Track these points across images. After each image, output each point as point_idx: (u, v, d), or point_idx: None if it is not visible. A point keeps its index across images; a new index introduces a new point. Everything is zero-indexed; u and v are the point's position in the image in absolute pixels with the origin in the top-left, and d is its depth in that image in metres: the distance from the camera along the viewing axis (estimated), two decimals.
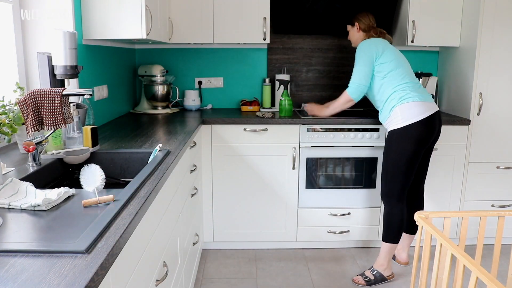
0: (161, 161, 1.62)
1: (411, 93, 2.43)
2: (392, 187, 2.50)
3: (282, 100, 2.93)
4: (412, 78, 2.52)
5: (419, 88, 2.50)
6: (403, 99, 2.43)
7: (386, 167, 2.51)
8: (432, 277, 1.65)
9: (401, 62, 2.52)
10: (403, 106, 2.42)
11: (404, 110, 2.41)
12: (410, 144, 2.41)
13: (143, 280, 1.23)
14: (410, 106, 2.40)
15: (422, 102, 2.41)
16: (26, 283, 0.75)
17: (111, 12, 2.29)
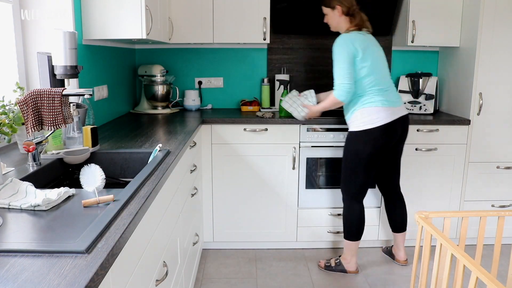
0: (161, 161, 1.62)
1: (375, 97, 2.39)
2: (349, 187, 2.55)
3: (282, 101, 2.92)
4: (381, 81, 2.41)
5: (387, 91, 2.43)
6: (365, 102, 2.40)
7: (345, 166, 2.54)
8: (432, 277, 1.65)
9: (376, 67, 2.40)
10: (363, 110, 2.40)
11: (365, 114, 2.39)
12: (366, 147, 2.42)
13: (143, 280, 1.23)
14: (371, 112, 2.38)
15: (384, 108, 2.38)
16: (26, 283, 0.75)
17: (111, 12, 2.29)
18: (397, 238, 2.76)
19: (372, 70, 2.39)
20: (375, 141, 2.41)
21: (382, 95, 2.40)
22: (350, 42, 2.36)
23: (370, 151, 2.42)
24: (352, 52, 2.34)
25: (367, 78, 2.38)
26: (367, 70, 2.37)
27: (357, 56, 2.35)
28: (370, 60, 2.38)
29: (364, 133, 2.41)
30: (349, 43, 2.35)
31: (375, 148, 2.42)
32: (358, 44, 2.36)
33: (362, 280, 2.61)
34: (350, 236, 2.60)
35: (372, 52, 2.41)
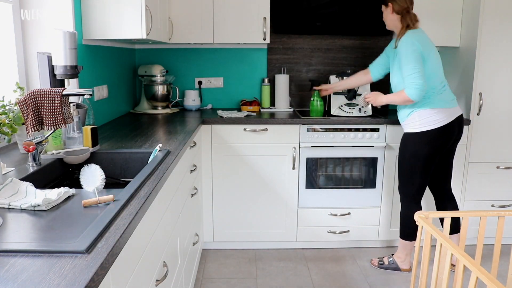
0: (161, 161, 1.62)
1: (433, 98, 2.40)
2: (407, 188, 2.56)
3: (314, 101, 2.93)
4: (438, 82, 2.43)
5: (444, 91, 2.45)
6: (423, 104, 2.40)
7: (401, 168, 2.56)
8: (432, 277, 1.65)
9: (438, 66, 2.43)
10: (422, 112, 2.41)
11: (423, 116, 2.41)
12: (425, 149, 2.44)
13: (143, 280, 1.23)
14: (430, 113, 2.40)
15: (442, 109, 2.40)
16: (26, 283, 0.75)
17: (111, 12, 2.29)
18: (453, 240, 2.74)
19: (435, 70, 2.40)
20: (434, 143, 2.42)
21: (439, 96, 2.42)
22: (417, 43, 2.35)
23: (429, 152, 2.44)
24: (420, 53, 2.35)
25: (430, 78, 2.39)
26: (431, 70, 2.39)
27: (423, 57, 2.36)
28: (434, 61, 2.40)
29: (422, 135, 2.42)
30: (416, 44, 2.35)
31: (434, 149, 2.44)
32: (421, 47, 2.36)
33: (362, 280, 2.61)
34: (407, 236, 2.62)
35: (436, 54, 2.43)
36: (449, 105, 2.44)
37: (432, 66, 2.40)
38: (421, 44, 2.36)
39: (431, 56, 2.39)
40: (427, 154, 2.45)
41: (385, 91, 2.86)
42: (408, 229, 2.60)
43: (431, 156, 2.46)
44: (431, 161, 2.48)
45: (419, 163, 2.48)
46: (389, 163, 2.89)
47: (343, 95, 2.99)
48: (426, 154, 2.45)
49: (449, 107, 2.43)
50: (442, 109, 2.41)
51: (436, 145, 2.44)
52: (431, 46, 2.43)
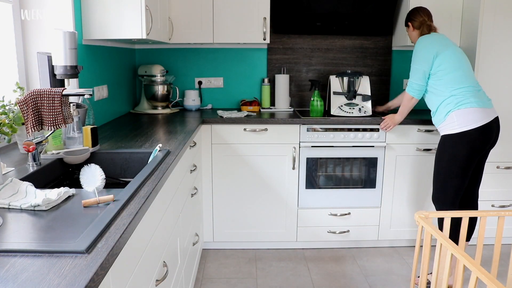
0: (161, 161, 1.62)
1: (469, 98, 2.35)
2: (444, 192, 2.45)
3: (314, 101, 2.93)
4: (472, 82, 2.41)
5: (478, 92, 2.40)
6: (460, 104, 2.35)
7: (438, 171, 2.47)
8: (432, 277, 1.65)
9: (461, 63, 2.42)
10: (460, 112, 2.35)
11: (461, 116, 2.35)
12: (464, 150, 2.36)
13: (143, 280, 1.23)
14: (468, 112, 2.34)
15: (480, 109, 2.34)
16: (26, 283, 0.75)
17: (111, 12, 2.29)
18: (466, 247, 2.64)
19: (457, 65, 2.40)
20: (474, 143, 2.35)
21: (475, 95, 2.37)
22: (430, 44, 2.45)
23: (469, 153, 2.36)
24: (430, 55, 2.42)
25: (454, 73, 2.39)
26: (452, 65, 2.40)
27: (436, 57, 2.41)
28: (453, 56, 2.41)
29: (462, 135, 2.35)
30: (428, 45, 2.45)
31: (473, 150, 2.37)
32: (439, 45, 2.43)
33: (362, 280, 2.61)
34: None
35: (454, 51, 2.44)
36: (486, 105, 2.37)
37: (455, 65, 2.40)
38: (433, 46, 2.43)
39: (450, 55, 2.41)
40: (467, 155, 2.36)
41: None
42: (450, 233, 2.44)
43: (470, 157, 2.37)
44: (470, 163, 2.38)
45: (458, 165, 2.38)
46: (389, 163, 2.89)
47: (343, 95, 2.99)
48: (465, 155, 2.36)
49: (486, 107, 2.37)
50: (480, 108, 2.34)
51: (475, 146, 2.35)
52: (450, 46, 2.45)
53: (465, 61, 2.46)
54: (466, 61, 2.47)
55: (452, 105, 2.38)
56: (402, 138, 2.86)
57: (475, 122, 2.33)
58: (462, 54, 2.47)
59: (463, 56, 2.46)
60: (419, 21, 2.58)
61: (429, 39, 2.48)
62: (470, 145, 2.36)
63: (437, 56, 2.41)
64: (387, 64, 3.41)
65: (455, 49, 2.45)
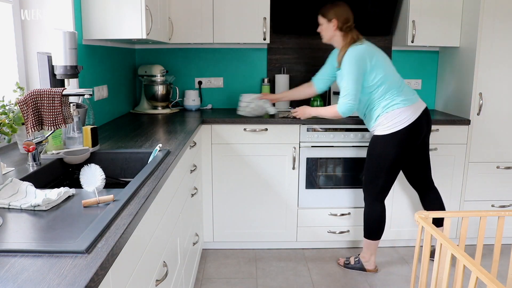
0: (161, 161, 1.62)
1: (395, 99, 2.42)
2: (372, 187, 2.56)
3: (314, 101, 2.93)
4: (394, 82, 2.44)
5: (403, 90, 2.46)
6: (387, 107, 2.42)
7: (368, 168, 2.56)
8: (432, 277, 1.65)
9: (388, 73, 2.43)
10: (388, 115, 2.42)
11: (390, 118, 2.42)
12: (394, 148, 2.44)
13: (143, 280, 1.23)
14: (395, 114, 2.41)
15: (407, 107, 2.41)
16: (26, 283, 0.75)
17: (111, 12, 2.29)
18: None
19: (385, 77, 2.42)
20: (405, 141, 2.43)
21: (400, 95, 2.43)
22: (363, 58, 2.39)
23: (398, 153, 2.45)
24: (363, 67, 2.39)
25: (382, 86, 2.42)
26: (381, 78, 2.41)
27: (367, 69, 2.40)
28: (381, 68, 2.42)
29: (392, 135, 2.43)
30: (362, 59, 2.39)
31: (403, 150, 2.45)
32: (368, 56, 2.40)
33: (362, 280, 2.61)
34: (371, 235, 2.62)
35: (381, 60, 2.44)
36: (411, 101, 2.44)
37: (384, 72, 2.42)
38: (364, 59, 2.39)
39: (378, 64, 2.41)
40: (396, 155, 2.45)
41: None
42: (372, 228, 2.60)
43: (399, 156, 2.46)
44: (398, 162, 2.49)
45: (387, 164, 2.47)
46: None
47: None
48: (394, 155, 2.45)
49: (412, 103, 2.44)
50: (405, 107, 2.41)
51: (405, 145, 2.44)
52: (376, 54, 2.43)
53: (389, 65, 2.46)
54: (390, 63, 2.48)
55: (380, 110, 2.44)
56: None
57: (403, 121, 2.40)
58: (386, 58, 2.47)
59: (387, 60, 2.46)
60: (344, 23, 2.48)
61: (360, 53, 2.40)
62: (401, 144, 2.43)
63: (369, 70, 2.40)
64: None
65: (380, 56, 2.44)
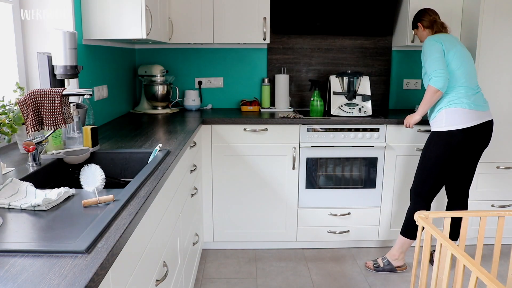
0: (161, 161, 1.62)
1: (462, 98, 2.38)
2: (421, 186, 2.54)
3: (314, 101, 2.93)
4: (470, 83, 2.42)
5: (474, 94, 2.43)
6: (451, 103, 2.39)
7: (420, 165, 2.55)
8: (432, 277, 1.65)
9: (463, 64, 2.42)
10: (449, 110, 2.39)
11: (449, 115, 2.39)
12: (446, 149, 2.42)
13: (143, 280, 1.23)
14: (456, 112, 2.38)
15: (470, 110, 2.37)
16: (26, 283, 0.75)
17: (111, 12, 2.29)
18: None
19: (460, 64, 2.40)
20: (456, 144, 2.40)
21: (469, 96, 2.40)
22: (437, 41, 2.43)
23: (450, 154, 2.43)
24: (441, 48, 2.40)
25: (455, 72, 2.39)
26: (455, 64, 2.40)
27: (445, 52, 2.40)
28: (458, 55, 2.41)
29: (446, 134, 2.41)
30: (438, 41, 2.42)
31: (455, 151, 2.42)
32: (447, 42, 2.42)
33: (362, 280, 2.61)
34: (408, 234, 2.60)
35: (460, 50, 2.43)
36: (479, 108, 2.41)
37: (460, 63, 2.40)
38: (441, 43, 2.41)
39: (455, 54, 2.40)
40: (446, 155, 2.42)
41: None
42: (411, 227, 2.57)
43: (451, 157, 2.43)
44: (449, 163, 2.45)
45: (437, 163, 2.45)
46: (389, 163, 2.89)
47: (343, 95, 2.99)
48: (445, 155, 2.42)
49: (479, 110, 2.40)
50: (470, 110, 2.38)
51: (456, 147, 2.40)
52: (456, 45, 2.44)
53: (467, 62, 2.45)
54: (469, 62, 2.47)
55: (444, 103, 2.41)
56: (402, 138, 2.86)
57: (461, 123, 2.37)
58: (467, 55, 2.47)
59: (467, 57, 2.46)
60: (429, 20, 2.59)
61: (436, 38, 2.46)
62: (452, 145, 2.40)
63: (445, 53, 2.41)
64: (387, 64, 3.41)
65: (460, 49, 2.44)
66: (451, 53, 2.41)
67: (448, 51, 2.41)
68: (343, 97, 2.99)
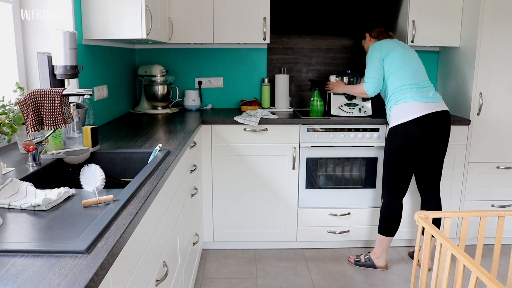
0: (161, 161, 1.62)
1: (406, 94, 2.52)
2: (387, 182, 2.64)
3: (314, 101, 2.93)
4: (417, 80, 2.56)
5: (421, 88, 2.55)
6: (398, 100, 2.55)
7: (384, 162, 2.66)
8: (432, 277, 1.65)
9: (406, 63, 2.58)
10: (397, 107, 2.54)
11: (397, 110, 2.53)
12: (400, 142, 2.53)
13: (143, 280, 1.23)
14: (403, 107, 2.51)
15: (415, 103, 2.49)
16: (26, 283, 0.75)
17: (111, 12, 2.29)
18: None
19: (401, 65, 2.58)
20: (408, 135, 2.50)
21: (415, 91, 2.53)
22: (379, 46, 2.65)
23: (404, 146, 2.52)
24: (380, 55, 2.61)
25: (397, 73, 2.57)
26: (396, 65, 2.57)
27: (385, 57, 2.60)
28: (399, 56, 2.59)
29: (397, 128, 2.53)
30: (378, 46, 2.65)
31: (409, 143, 2.51)
32: (386, 46, 2.63)
33: (362, 280, 2.61)
34: (384, 231, 2.66)
35: (401, 51, 2.61)
36: (427, 100, 2.52)
37: (401, 64, 2.57)
38: (381, 49, 2.62)
39: (396, 56, 2.59)
40: (401, 147, 2.53)
41: None
42: (387, 224, 2.64)
43: (406, 150, 2.53)
44: (408, 155, 2.54)
45: (397, 158, 2.56)
46: None
47: (343, 95, 2.99)
48: (400, 147, 2.53)
49: (426, 101, 2.51)
50: (415, 102, 2.50)
51: (409, 138, 2.50)
52: (397, 47, 2.62)
53: (410, 62, 2.60)
54: (413, 61, 2.62)
55: (392, 102, 2.58)
56: None
57: (408, 115, 2.48)
58: (410, 55, 2.62)
59: (409, 57, 2.62)
60: (376, 32, 2.81)
61: (377, 45, 2.66)
62: (404, 137, 2.51)
63: (385, 58, 2.60)
64: None
65: (400, 52, 2.61)
66: (390, 57, 2.59)
67: (387, 55, 2.60)
68: (343, 97, 2.99)
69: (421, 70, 2.63)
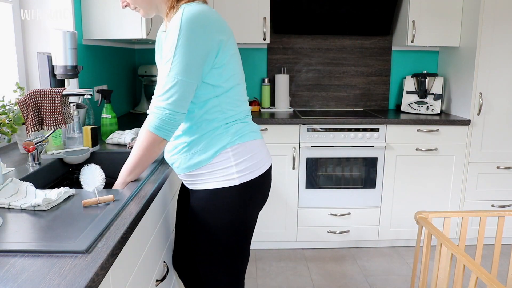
0: (161, 161, 1.62)
1: (249, 125, 1.40)
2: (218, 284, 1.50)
3: None
4: None
5: None
6: (241, 134, 1.35)
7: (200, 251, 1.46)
8: (432, 277, 1.65)
9: (241, 70, 1.41)
10: (242, 146, 1.35)
11: (242, 153, 1.35)
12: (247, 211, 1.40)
13: (143, 280, 1.23)
14: (252, 147, 1.37)
15: (261, 141, 1.44)
16: (26, 283, 0.75)
17: (111, 12, 2.29)
18: None
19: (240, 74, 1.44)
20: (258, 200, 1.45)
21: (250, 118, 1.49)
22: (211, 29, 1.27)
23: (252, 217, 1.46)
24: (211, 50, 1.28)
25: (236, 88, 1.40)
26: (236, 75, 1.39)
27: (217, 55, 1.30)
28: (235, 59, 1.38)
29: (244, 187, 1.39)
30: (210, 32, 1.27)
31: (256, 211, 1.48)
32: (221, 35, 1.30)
33: (362, 280, 2.61)
34: None
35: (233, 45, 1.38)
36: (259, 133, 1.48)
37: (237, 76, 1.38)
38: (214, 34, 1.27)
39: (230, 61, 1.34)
40: (250, 219, 1.42)
41: None
42: None
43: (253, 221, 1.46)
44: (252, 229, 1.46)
45: (240, 238, 1.41)
46: (389, 163, 2.89)
47: (416, 93, 3.20)
48: (248, 219, 1.42)
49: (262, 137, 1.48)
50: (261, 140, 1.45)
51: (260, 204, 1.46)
52: (231, 40, 1.35)
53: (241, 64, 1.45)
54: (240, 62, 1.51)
55: (228, 136, 1.33)
56: (402, 138, 2.86)
57: (262, 164, 1.39)
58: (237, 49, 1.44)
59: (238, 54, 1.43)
60: None
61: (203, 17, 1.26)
62: (255, 204, 1.41)
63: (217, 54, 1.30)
64: (387, 64, 3.41)
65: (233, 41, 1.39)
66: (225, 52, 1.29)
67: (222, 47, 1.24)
68: (415, 95, 3.20)
69: None
